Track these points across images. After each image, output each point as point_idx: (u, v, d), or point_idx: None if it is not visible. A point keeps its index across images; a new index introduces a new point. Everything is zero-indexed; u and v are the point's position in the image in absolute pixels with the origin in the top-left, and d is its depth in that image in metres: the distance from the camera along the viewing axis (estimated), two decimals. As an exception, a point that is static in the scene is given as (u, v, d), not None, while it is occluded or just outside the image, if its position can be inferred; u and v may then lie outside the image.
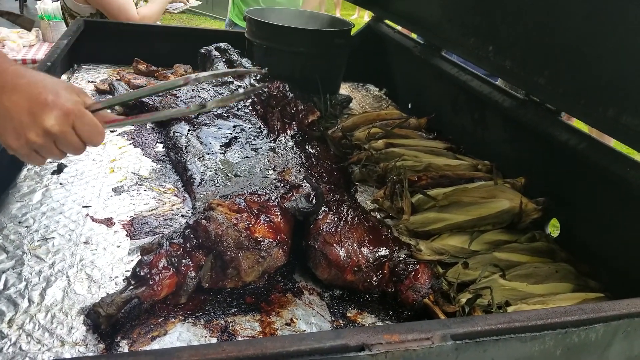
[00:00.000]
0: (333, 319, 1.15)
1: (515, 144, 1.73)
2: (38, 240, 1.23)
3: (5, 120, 0.80)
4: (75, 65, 2.39)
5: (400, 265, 1.24)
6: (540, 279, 1.27)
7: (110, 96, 2.05)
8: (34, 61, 3.74)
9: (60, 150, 0.90)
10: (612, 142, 1.77)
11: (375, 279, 1.22)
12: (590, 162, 1.39)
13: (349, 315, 1.17)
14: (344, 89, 2.61)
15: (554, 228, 1.56)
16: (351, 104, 2.40)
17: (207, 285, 1.13)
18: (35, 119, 0.80)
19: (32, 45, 4.06)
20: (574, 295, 1.23)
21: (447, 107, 2.10)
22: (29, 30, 1.66)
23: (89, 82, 2.23)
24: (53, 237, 1.25)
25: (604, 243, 1.35)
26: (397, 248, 1.27)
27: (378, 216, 1.50)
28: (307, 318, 1.13)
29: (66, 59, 2.26)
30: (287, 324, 1.11)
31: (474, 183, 1.59)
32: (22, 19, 1.52)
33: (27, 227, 1.27)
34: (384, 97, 2.59)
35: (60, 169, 1.52)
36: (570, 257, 1.37)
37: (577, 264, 1.34)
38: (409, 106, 2.38)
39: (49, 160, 0.94)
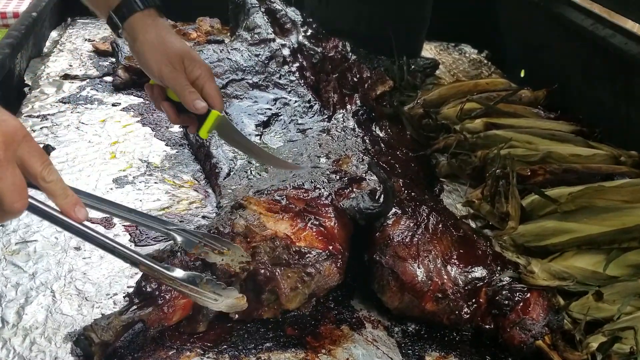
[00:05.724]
0: (406, 363, 1.15)
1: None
2: (16, 244, 1.29)
3: None
4: (69, 20, 2.50)
5: (504, 292, 1.21)
6: None
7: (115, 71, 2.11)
8: (16, 15, 3.93)
9: None
10: None
11: (466, 310, 1.21)
12: None
13: (428, 359, 1.16)
14: (428, 51, 2.60)
15: None
16: (438, 71, 2.38)
17: (236, 316, 1.15)
18: None
19: (15, -4, 4.27)
20: None
21: (576, 75, 2.06)
22: None
23: (85, 40, 2.32)
24: (35, 240, 1.31)
25: None
26: (498, 268, 1.25)
27: (472, 224, 1.49)
28: (370, 360, 1.13)
29: (56, 11, 2.36)
30: (341, 368, 1.11)
31: (614, 181, 1.55)
32: None
33: (1, 226, 1.33)
34: (485, 61, 2.56)
35: (46, 152, 1.59)
36: None
37: None
38: (521, 74, 2.35)
39: None
